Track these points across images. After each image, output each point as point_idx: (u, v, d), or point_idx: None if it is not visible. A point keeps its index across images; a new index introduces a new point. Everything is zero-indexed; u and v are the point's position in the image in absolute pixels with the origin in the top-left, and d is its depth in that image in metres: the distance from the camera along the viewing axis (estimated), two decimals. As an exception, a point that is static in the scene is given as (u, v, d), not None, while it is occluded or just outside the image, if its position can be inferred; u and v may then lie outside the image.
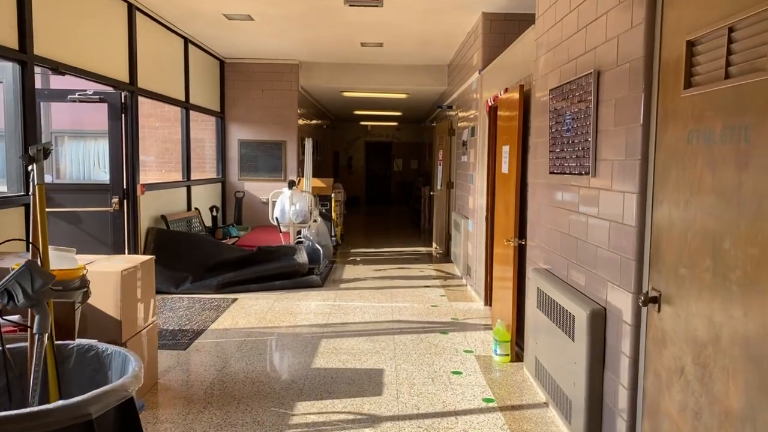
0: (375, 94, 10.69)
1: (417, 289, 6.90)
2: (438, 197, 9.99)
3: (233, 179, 9.68)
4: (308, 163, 8.02)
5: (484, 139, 6.23)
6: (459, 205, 8.02)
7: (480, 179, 6.39)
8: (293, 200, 7.11)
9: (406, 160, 19.76)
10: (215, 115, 9.35)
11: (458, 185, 8.16)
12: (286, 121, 9.62)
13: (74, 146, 10.35)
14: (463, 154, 7.58)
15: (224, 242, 7.35)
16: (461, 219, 7.37)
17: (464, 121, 7.69)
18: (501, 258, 4.97)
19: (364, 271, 7.96)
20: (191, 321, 5.44)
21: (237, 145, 9.64)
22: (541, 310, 3.53)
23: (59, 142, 9.94)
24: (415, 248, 10.21)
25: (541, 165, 3.90)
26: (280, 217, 7.15)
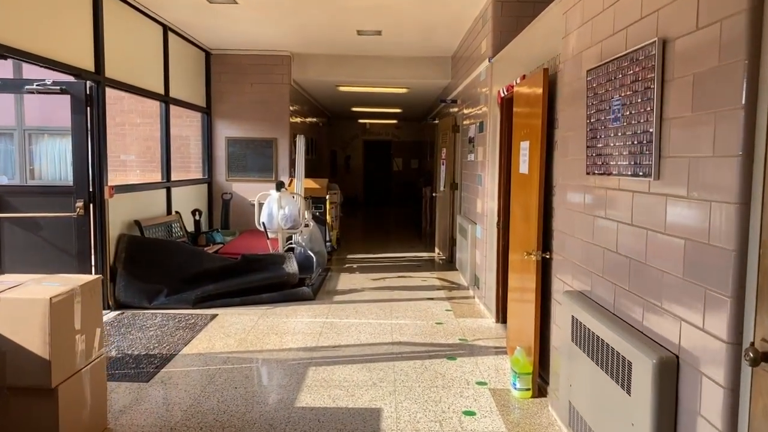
0: (373, 88, 9.99)
1: (419, 303, 6.19)
2: (441, 199, 9.29)
3: (220, 180, 8.98)
4: (300, 162, 7.34)
5: (495, 135, 5.53)
6: (465, 208, 7.32)
7: (490, 180, 5.69)
8: (282, 203, 6.41)
9: (406, 159, 19.06)
10: (200, 110, 8.65)
11: (464, 186, 7.45)
12: (278, 117, 8.92)
13: (50, 145, 9.66)
14: (470, 152, 6.88)
15: (205, 250, 6.65)
16: (468, 224, 6.67)
17: (471, 117, 6.99)
18: (518, 272, 4.27)
19: (361, 281, 7.26)
20: (161, 343, 4.73)
21: (224, 143, 8.94)
22: (579, 346, 2.82)
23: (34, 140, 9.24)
24: (416, 254, 9.51)
25: (573, 164, 3.20)
26: (268, 222, 6.46)
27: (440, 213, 9.35)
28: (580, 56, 3.13)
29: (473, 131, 6.71)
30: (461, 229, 7.17)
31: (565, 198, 3.35)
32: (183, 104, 7.85)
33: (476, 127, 6.51)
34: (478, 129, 6.33)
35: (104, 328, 4.03)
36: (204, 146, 8.88)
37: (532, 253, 3.77)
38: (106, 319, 5.39)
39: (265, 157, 8.95)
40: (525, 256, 3.82)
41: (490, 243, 5.71)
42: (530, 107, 3.99)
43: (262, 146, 8.95)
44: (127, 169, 8.96)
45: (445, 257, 8.93)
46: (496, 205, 5.41)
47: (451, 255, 8.65)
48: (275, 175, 8.97)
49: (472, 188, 6.76)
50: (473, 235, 6.48)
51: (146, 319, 5.40)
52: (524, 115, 4.17)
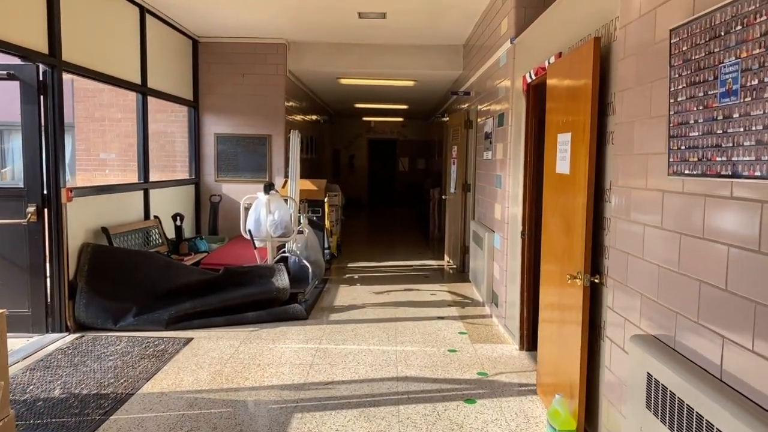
0: (377, 81, 9.16)
1: (429, 323, 5.36)
2: (451, 202, 8.46)
3: (209, 180, 8.17)
4: (295, 161, 6.53)
5: (519, 129, 4.69)
6: (480, 213, 6.48)
7: (512, 182, 4.86)
8: (271, 208, 5.59)
9: (412, 159, 18.23)
10: (186, 104, 7.85)
11: (479, 188, 6.62)
12: (272, 111, 8.11)
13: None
14: (486, 149, 6.05)
15: (182, 262, 5.83)
16: (484, 231, 5.84)
17: (487, 109, 6.16)
18: (555, 296, 3.44)
19: (362, 295, 6.43)
20: (119, 378, 3.92)
21: (213, 140, 8.14)
22: (662, 420, 1.99)
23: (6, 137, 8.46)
24: (423, 261, 8.67)
25: (642, 161, 2.36)
26: (255, 230, 5.64)
27: (450, 217, 8.51)
28: (653, 14, 2.29)
29: (490, 126, 5.87)
30: (475, 236, 6.33)
31: (627, 206, 2.51)
32: (165, 96, 7.05)
33: (494, 120, 5.68)
34: (497, 123, 5.49)
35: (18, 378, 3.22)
36: (191, 143, 8.09)
37: (577, 277, 2.93)
38: (61, 344, 4.59)
39: (258, 156, 8.14)
40: (569, 280, 2.97)
41: (512, 255, 4.87)
42: (572, 90, 3.16)
43: (255, 144, 8.15)
44: (107, 169, 8.19)
45: (455, 266, 8.10)
46: (521, 211, 4.58)
47: (462, 264, 7.82)
48: (269, 175, 8.16)
49: (488, 190, 5.93)
50: (490, 244, 5.64)
51: (108, 344, 4.59)
52: (563, 101, 3.33)
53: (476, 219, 6.74)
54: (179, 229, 6.63)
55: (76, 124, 8.29)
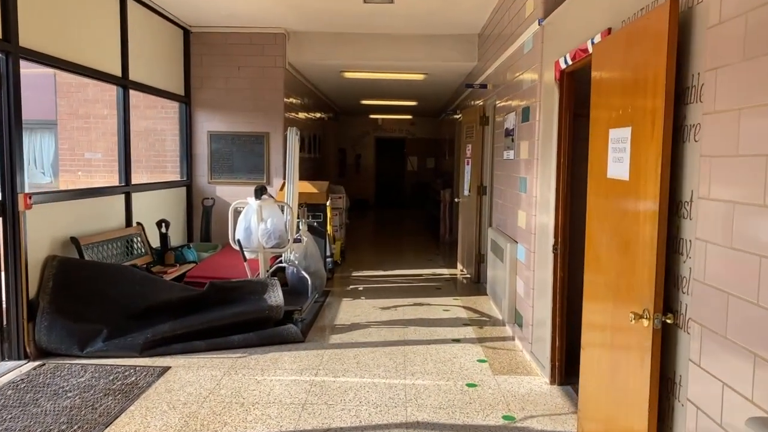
0: (384, 74, 8.48)
1: (442, 347, 4.68)
2: (465, 205, 7.77)
3: (202, 182, 7.53)
4: (292, 161, 5.87)
5: (549, 125, 4.00)
6: (499, 219, 5.78)
7: (541, 186, 4.17)
8: (263, 215, 4.92)
9: (421, 158, 17.54)
10: (177, 99, 7.21)
11: (497, 192, 5.93)
12: (270, 107, 7.45)
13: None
14: (507, 148, 5.36)
15: (167, 274, 5.18)
16: (504, 241, 5.14)
17: (508, 103, 5.46)
18: (606, 332, 2.75)
19: (367, 310, 5.76)
20: (73, 423, 3.27)
21: (206, 139, 7.49)
22: None
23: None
24: (434, 270, 7.99)
25: (756, 166, 1.67)
26: (245, 240, 4.98)
27: (464, 222, 7.82)
28: (775, -45, 1.60)
29: (512, 122, 5.18)
30: (494, 246, 5.64)
31: (725, 227, 1.82)
32: (151, 91, 6.40)
33: (517, 116, 4.98)
34: (522, 118, 4.80)
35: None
36: (182, 142, 7.44)
37: (644, 316, 2.24)
38: (16, 375, 3.95)
39: (255, 156, 7.49)
40: (632, 319, 2.28)
41: (540, 271, 4.18)
42: (632, 72, 2.46)
43: (252, 142, 7.49)
44: (92, 170, 7.57)
45: (470, 276, 7.41)
46: (553, 220, 3.89)
47: (477, 274, 7.13)
48: (267, 176, 7.51)
49: (510, 195, 5.23)
50: (513, 256, 4.94)
51: (70, 376, 3.94)
52: (617, 88, 2.64)
53: (494, 226, 6.04)
54: (164, 237, 5.98)
55: (59, 121, 7.68)
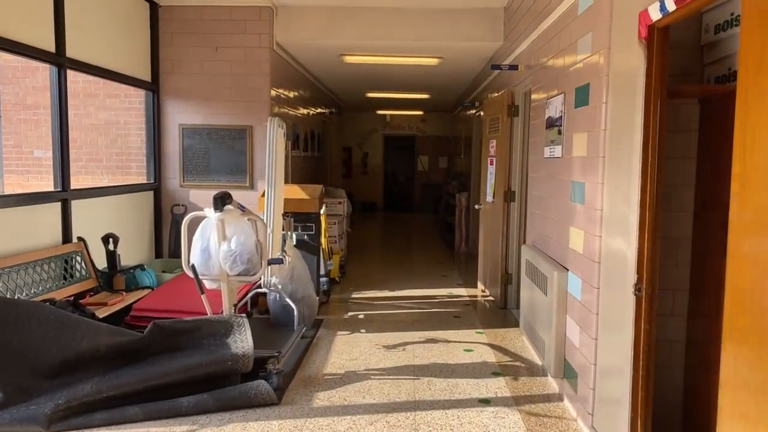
0: (392, 58, 7.22)
1: (466, 414, 3.42)
2: (487, 214, 6.49)
3: (172, 185, 6.31)
4: (274, 161, 4.65)
5: (628, 106, 2.73)
6: (538, 236, 4.50)
7: (610, 194, 2.90)
8: (226, 232, 3.68)
9: (432, 157, 16.25)
10: (142, 86, 6.00)
11: (535, 200, 4.65)
12: (254, 95, 6.23)
13: None
14: (550, 143, 4.08)
15: (98, 309, 3.94)
16: (548, 266, 3.87)
17: (551, 84, 4.19)
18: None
19: (367, 350, 4.51)
20: None
21: (178, 134, 6.27)
22: None
23: None
24: (450, 290, 6.72)
25: None
26: (202, 265, 3.73)
27: (487, 234, 6.54)
28: None
29: (557, 108, 3.91)
30: (531, 270, 4.35)
31: None
32: (101, 73, 5.19)
33: (566, 99, 3.71)
34: (576, 101, 3.52)
35: None
36: (149, 138, 6.23)
37: None
38: None
39: (235, 153, 6.26)
40: None
41: (608, 317, 2.91)
42: None
43: (232, 138, 6.26)
44: (42, 171, 6.39)
45: (493, 298, 6.14)
46: (634, 247, 2.63)
47: (504, 297, 5.86)
48: (250, 178, 6.28)
49: (555, 205, 3.96)
50: (561, 288, 3.66)
51: (-68, 471, 2.72)
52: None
53: (530, 243, 4.77)
54: (112, 256, 4.76)
55: (2, 113, 6.50)
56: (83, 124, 6.30)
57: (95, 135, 6.23)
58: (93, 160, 6.27)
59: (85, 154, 6.29)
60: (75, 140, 6.41)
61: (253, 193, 6.17)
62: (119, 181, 6.34)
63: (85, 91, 6.30)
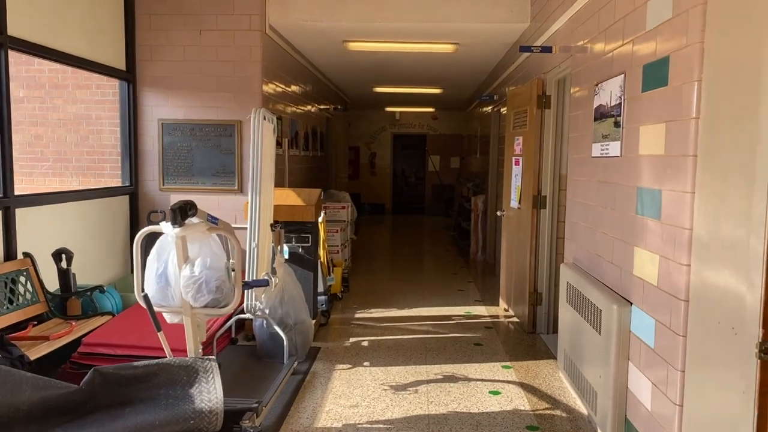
0: (401, 45, 6.39)
1: (501, 497, 2.59)
2: (512, 221, 5.65)
3: (151, 189, 5.53)
4: (260, 160, 3.84)
5: (756, 83, 1.88)
6: (583, 254, 3.65)
7: (706, 208, 2.05)
8: (188, 253, 2.87)
9: (444, 157, 15.40)
10: (115, 75, 5.21)
11: (578, 208, 3.80)
12: (243, 86, 5.43)
13: None
14: (603, 139, 3.24)
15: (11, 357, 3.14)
16: (602, 298, 3.02)
17: (604, 64, 3.35)
18: None
19: (371, 393, 3.69)
20: None
21: (157, 130, 5.49)
22: None
23: None
24: (468, 307, 5.89)
25: None
26: (159, 294, 2.92)
27: (511, 245, 5.70)
28: None
29: (612, 93, 3.06)
30: (575, 296, 3.50)
31: None
32: (60, 58, 4.40)
33: (629, 81, 2.87)
34: (646, 81, 2.67)
35: None
36: (124, 135, 5.45)
37: None
38: None
39: (222, 153, 5.47)
40: None
41: (711, 382, 2.06)
42: None
43: (219, 134, 5.47)
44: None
45: (519, 319, 5.30)
46: (762, 291, 1.77)
47: (532, 320, 5.02)
48: (239, 181, 5.48)
49: (609, 216, 3.11)
50: (621, 327, 2.81)
51: None
52: None
53: (571, 261, 3.92)
54: (65, 276, 3.95)
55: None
56: (50, 119, 5.53)
57: (63, 131, 5.46)
58: (61, 160, 5.51)
59: (52, 153, 5.52)
60: (41, 137, 5.63)
61: (242, 197, 5.38)
62: (91, 183, 5.57)
63: (51, 81, 5.53)
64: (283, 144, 6.26)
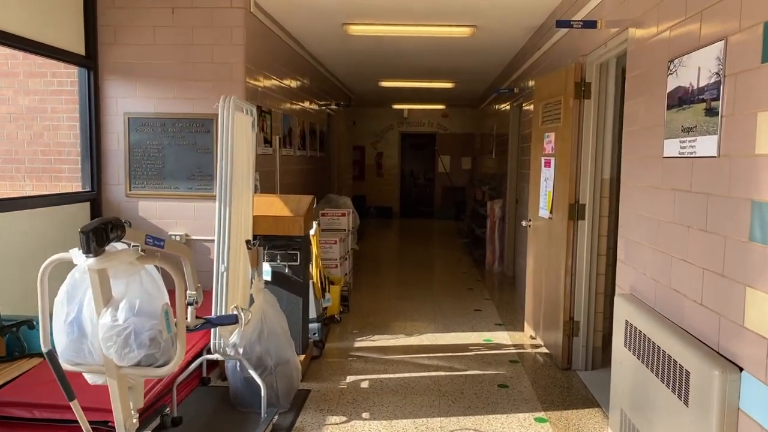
0: (411, 28, 5.56)
1: None
2: (541, 234, 4.79)
3: (116, 194, 4.73)
4: (229, 161, 3.04)
5: None
6: (652, 286, 2.77)
7: None
8: (110, 292, 2.05)
9: (455, 157, 14.54)
10: (73, 61, 4.42)
11: (639, 223, 2.92)
12: (222, 73, 4.61)
13: None
14: (687, 132, 2.38)
15: None
16: (690, 355, 2.16)
17: (678, 35, 2.49)
18: None
19: (372, 463, 2.86)
20: None
21: (123, 125, 4.68)
22: None
23: None
24: (487, 332, 5.04)
25: None
26: (71, 348, 2.11)
27: (540, 261, 4.83)
28: None
29: (700, 70, 2.22)
30: (640, 343, 2.64)
31: None
32: (4, 39, 3.60)
33: (736, 47, 2.01)
34: (771, 45, 1.82)
35: None
36: (84, 131, 4.64)
37: None
38: None
39: (198, 152, 4.65)
40: None
41: None
42: None
43: (195, 130, 4.66)
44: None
45: (551, 351, 4.45)
46: None
47: (568, 353, 4.17)
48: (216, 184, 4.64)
49: (697, 240, 2.25)
50: (728, 402, 1.96)
51: None
52: None
53: (629, 291, 3.06)
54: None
55: None
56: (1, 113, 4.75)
57: (14, 127, 4.69)
58: (11, 160, 4.74)
59: (0, 152, 4.74)
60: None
61: (221, 205, 4.55)
62: (47, 188, 4.78)
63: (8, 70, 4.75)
64: (274, 142, 5.44)
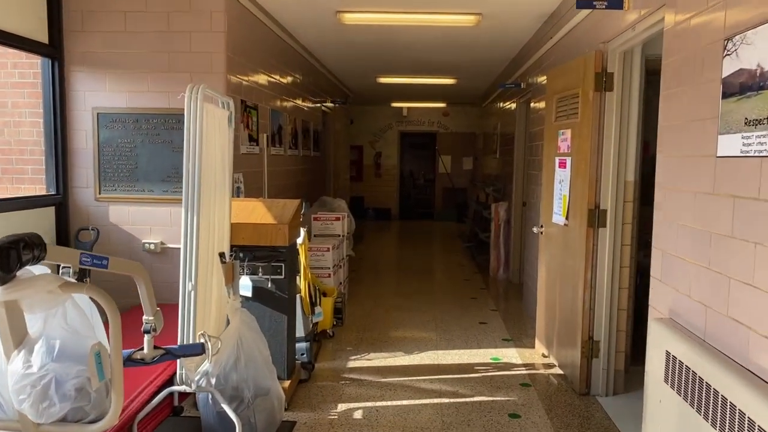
0: (409, 16, 5.10)
1: None
2: (556, 242, 4.33)
3: (84, 198, 4.27)
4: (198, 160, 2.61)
5: None
6: (701, 313, 2.29)
7: None
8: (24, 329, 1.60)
9: (456, 157, 14.08)
10: (35, 50, 3.96)
11: (681, 235, 2.45)
12: (200, 63, 4.16)
13: None
14: (753, 126, 1.92)
15: None
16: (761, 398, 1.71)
17: (735, 4, 2.03)
18: None
19: None
20: None
21: (92, 122, 4.22)
22: None
23: None
24: (494, 350, 4.59)
25: None
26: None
27: (554, 272, 4.37)
28: None
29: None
30: (693, 385, 2.18)
31: None
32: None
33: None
34: None
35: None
36: (48, 128, 4.19)
37: None
38: None
39: (174, 151, 4.20)
40: None
41: None
42: None
43: (170, 127, 4.20)
44: None
45: (566, 374, 4.00)
46: None
47: (587, 377, 3.71)
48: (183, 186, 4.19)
49: (761, 255, 1.79)
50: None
51: None
52: None
53: (669, 315, 2.60)
54: None
55: None
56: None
57: None
58: (-32, 160, 4.28)
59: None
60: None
61: (200, 210, 4.09)
62: (7, 191, 4.32)
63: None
64: (261, 140, 4.99)
